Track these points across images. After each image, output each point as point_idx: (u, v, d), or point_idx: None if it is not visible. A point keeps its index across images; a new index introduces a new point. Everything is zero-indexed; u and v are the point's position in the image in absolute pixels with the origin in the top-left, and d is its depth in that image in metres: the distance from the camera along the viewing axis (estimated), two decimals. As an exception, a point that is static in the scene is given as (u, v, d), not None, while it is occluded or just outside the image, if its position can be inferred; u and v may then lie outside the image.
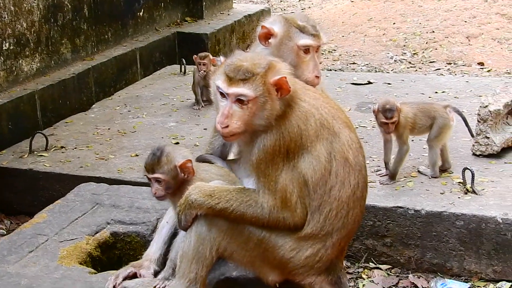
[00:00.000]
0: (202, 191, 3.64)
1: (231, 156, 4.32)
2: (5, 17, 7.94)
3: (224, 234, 3.65)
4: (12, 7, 8.03)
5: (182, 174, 3.90)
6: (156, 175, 3.90)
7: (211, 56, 8.30)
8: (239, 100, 3.61)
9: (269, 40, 4.60)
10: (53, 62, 8.81)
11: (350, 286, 5.34)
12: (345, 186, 3.68)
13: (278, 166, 3.61)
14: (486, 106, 6.18)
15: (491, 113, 6.14)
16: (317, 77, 4.59)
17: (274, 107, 3.62)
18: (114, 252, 4.65)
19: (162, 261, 4.10)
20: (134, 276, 3.99)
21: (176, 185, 3.91)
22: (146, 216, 4.72)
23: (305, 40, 4.55)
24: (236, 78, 3.61)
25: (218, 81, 3.68)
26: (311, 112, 3.69)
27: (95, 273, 4.15)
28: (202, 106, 8.21)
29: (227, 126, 3.62)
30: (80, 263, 4.29)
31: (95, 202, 4.96)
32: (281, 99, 3.65)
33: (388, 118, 5.76)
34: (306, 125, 3.65)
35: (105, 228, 4.67)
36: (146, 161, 3.95)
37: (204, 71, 8.15)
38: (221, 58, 4.07)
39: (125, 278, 3.95)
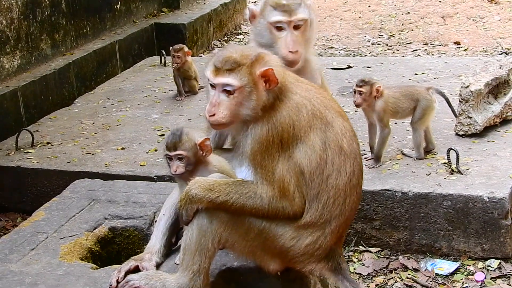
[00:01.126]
0: (202, 185, 3.70)
1: (226, 145, 4.38)
2: (-16, 16, 7.95)
3: (225, 225, 3.70)
4: (-9, 5, 8.04)
5: (201, 152, 4.00)
6: (178, 152, 3.98)
7: (186, 48, 8.31)
8: (226, 90, 3.70)
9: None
10: (33, 58, 8.81)
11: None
12: (342, 174, 3.74)
13: (274, 157, 3.67)
14: (467, 86, 6.26)
15: (472, 93, 6.22)
16: (291, 52, 4.53)
17: (260, 98, 3.69)
18: (113, 247, 4.68)
19: (163, 253, 4.17)
20: (136, 269, 4.04)
21: (195, 162, 4.02)
22: (143, 210, 4.76)
23: (276, 17, 4.54)
24: (222, 69, 3.70)
25: (207, 71, 3.77)
26: (303, 103, 3.75)
27: (97, 269, 4.19)
28: (185, 96, 8.25)
29: (213, 115, 3.71)
30: (81, 259, 4.32)
31: (91, 198, 4.99)
32: (270, 91, 3.72)
33: (357, 85, 5.96)
34: (298, 116, 3.72)
35: (103, 223, 4.70)
36: (166, 141, 4.03)
37: (178, 63, 8.18)
38: (216, 50, 4.15)
39: (127, 272, 4.00)
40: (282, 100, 3.73)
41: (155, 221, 4.43)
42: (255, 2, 14.99)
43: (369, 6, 13.07)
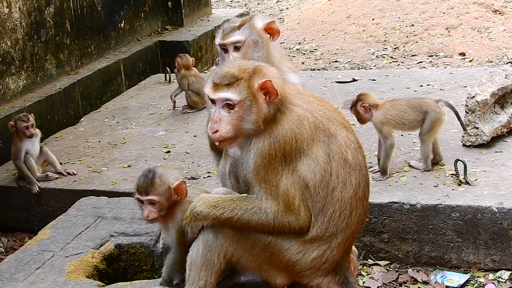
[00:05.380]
0: (206, 202, 3.69)
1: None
2: (-11, 37, 7.97)
3: (230, 240, 3.69)
4: (-5, 26, 8.06)
5: (176, 196, 3.92)
6: (150, 197, 3.90)
7: (185, 59, 8.41)
8: (227, 105, 3.67)
9: None
10: (38, 78, 8.82)
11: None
12: (347, 187, 3.71)
13: (277, 171, 3.65)
14: (473, 96, 6.23)
15: (478, 104, 6.19)
16: None
17: (261, 110, 3.67)
18: (120, 264, 4.68)
19: None
20: None
21: (168, 207, 3.92)
22: (149, 227, 4.74)
23: (216, 39, 4.61)
24: (221, 84, 3.68)
25: (206, 88, 3.75)
26: (305, 115, 3.73)
27: (104, 286, 4.18)
28: (175, 108, 8.44)
29: (216, 131, 3.68)
30: (88, 277, 4.32)
31: (97, 215, 4.99)
32: (271, 103, 3.69)
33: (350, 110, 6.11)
34: (300, 129, 3.69)
35: (109, 240, 4.70)
36: (137, 183, 3.95)
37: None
38: (214, 67, 4.14)
39: None
40: (284, 112, 3.71)
41: (161, 238, 4.43)
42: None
43: (372, 19, 13.05)
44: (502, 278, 5.35)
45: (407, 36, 12.21)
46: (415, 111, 5.96)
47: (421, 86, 8.30)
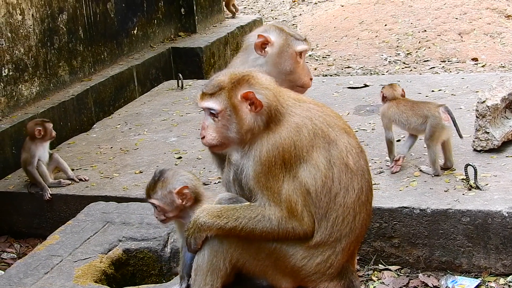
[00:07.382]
0: (210, 213, 3.71)
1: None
2: (2, 44, 7.99)
3: (235, 245, 3.70)
4: (9, 33, 8.09)
5: (180, 201, 3.91)
6: (150, 200, 3.92)
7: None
8: (211, 114, 3.72)
9: (266, 49, 4.68)
10: (52, 85, 8.86)
11: (362, 288, 5.40)
12: (349, 192, 3.73)
13: (278, 178, 3.66)
14: (484, 101, 6.21)
15: (489, 108, 6.17)
16: (311, 79, 4.84)
17: (242, 121, 3.70)
18: (128, 269, 4.70)
19: None
20: None
21: (175, 211, 3.91)
22: (157, 232, 4.77)
23: (302, 46, 4.73)
24: (206, 93, 3.75)
25: (196, 96, 3.82)
26: (303, 123, 3.73)
27: (111, 291, 4.21)
28: None
29: (204, 137, 3.77)
30: (96, 282, 4.34)
31: (105, 220, 5.01)
32: (259, 114, 3.71)
33: None
34: (299, 136, 3.70)
35: (117, 245, 4.73)
36: (147, 183, 3.96)
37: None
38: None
39: None
40: (279, 122, 3.72)
41: (169, 243, 4.45)
42: (272, 24, 15.01)
43: (385, 25, 13.05)
44: (513, 283, 5.34)
45: (419, 42, 12.20)
46: (416, 114, 5.98)
47: (433, 91, 8.28)
